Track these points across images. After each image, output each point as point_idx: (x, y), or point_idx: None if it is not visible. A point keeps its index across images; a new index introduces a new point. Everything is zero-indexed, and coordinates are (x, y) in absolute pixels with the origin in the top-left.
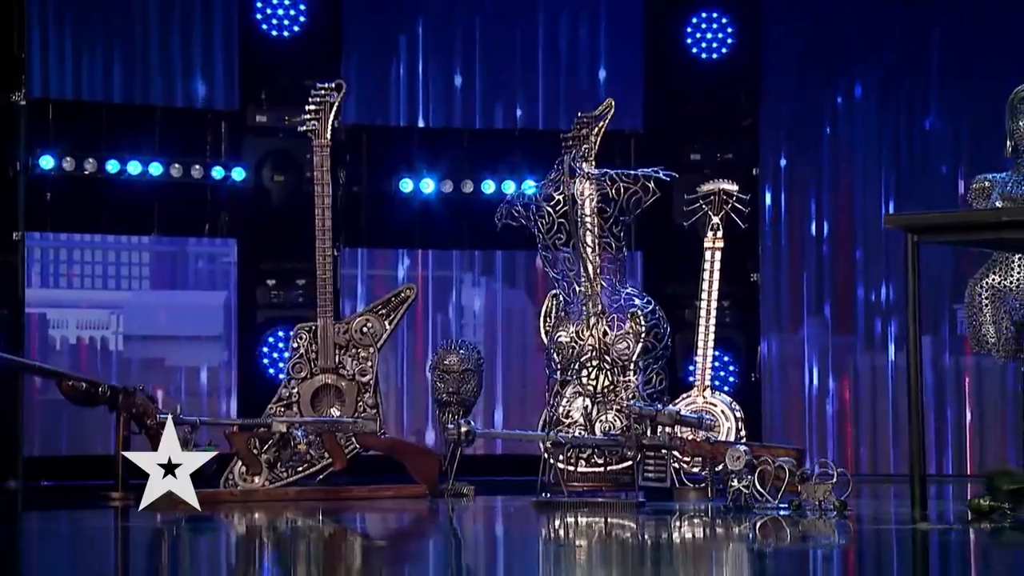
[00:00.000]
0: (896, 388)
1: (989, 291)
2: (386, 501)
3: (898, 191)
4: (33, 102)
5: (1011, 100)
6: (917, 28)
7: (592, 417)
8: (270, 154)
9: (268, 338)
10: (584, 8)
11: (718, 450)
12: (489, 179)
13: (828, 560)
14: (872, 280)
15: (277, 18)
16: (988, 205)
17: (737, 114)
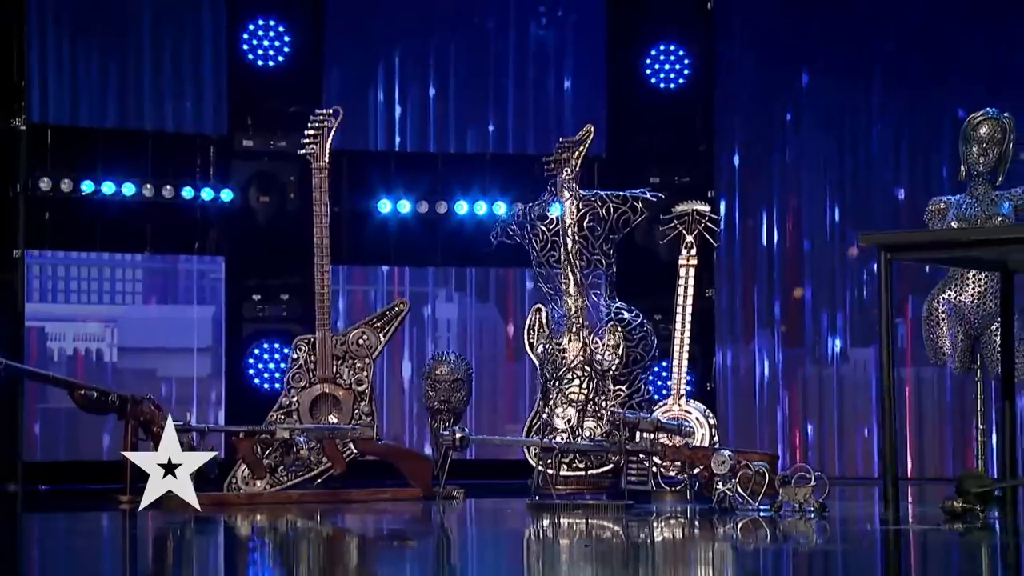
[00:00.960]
0: (841, 397)
1: (945, 306)
2: (383, 503)
3: (843, 211)
4: (32, 127)
5: (964, 128)
6: (860, 60)
7: (574, 424)
8: (256, 176)
9: (254, 350)
10: (551, 41)
11: (696, 455)
12: (462, 200)
13: (834, 557)
14: (820, 296)
15: (263, 48)
16: (944, 225)
17: (693, 140)
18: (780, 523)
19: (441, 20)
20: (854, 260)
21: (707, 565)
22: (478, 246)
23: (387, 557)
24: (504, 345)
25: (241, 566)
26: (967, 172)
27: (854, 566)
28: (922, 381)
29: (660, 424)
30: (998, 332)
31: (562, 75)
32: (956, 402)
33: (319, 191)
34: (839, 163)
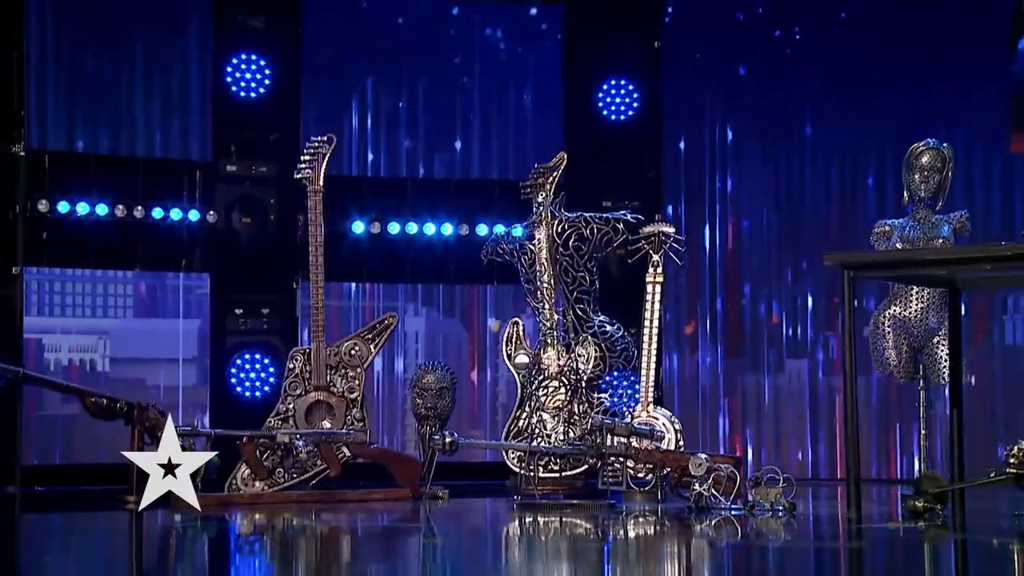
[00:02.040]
0: (778, 404)
1: (891, 320)
2: (375, 502)
3: (779, 232)
4: (31, 153)
5: (907, 157)
6: (791, 95)
7: (550, 429)
8: (238, 199)
9: (237, 360)
10: (512, 76)
11: (666, 457)
12: (430, 222)
13: (829, 553)
14: (757, 310)
15: (245, 81)
16: (889, 246)
17: (642, 167)
18: (753, 521)
19: (410, 56)
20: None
21: (702, 558)
22: (445, 264)
23: (407, 552)
24: (468, 356)
25: (254, 559)
26: (909, 197)
27: (849, 561)
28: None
29: (633, 429)
30: (938, 344)
31: (522, 107)
32: (881, 408)
33: (314, 212)
34: (775, 187)
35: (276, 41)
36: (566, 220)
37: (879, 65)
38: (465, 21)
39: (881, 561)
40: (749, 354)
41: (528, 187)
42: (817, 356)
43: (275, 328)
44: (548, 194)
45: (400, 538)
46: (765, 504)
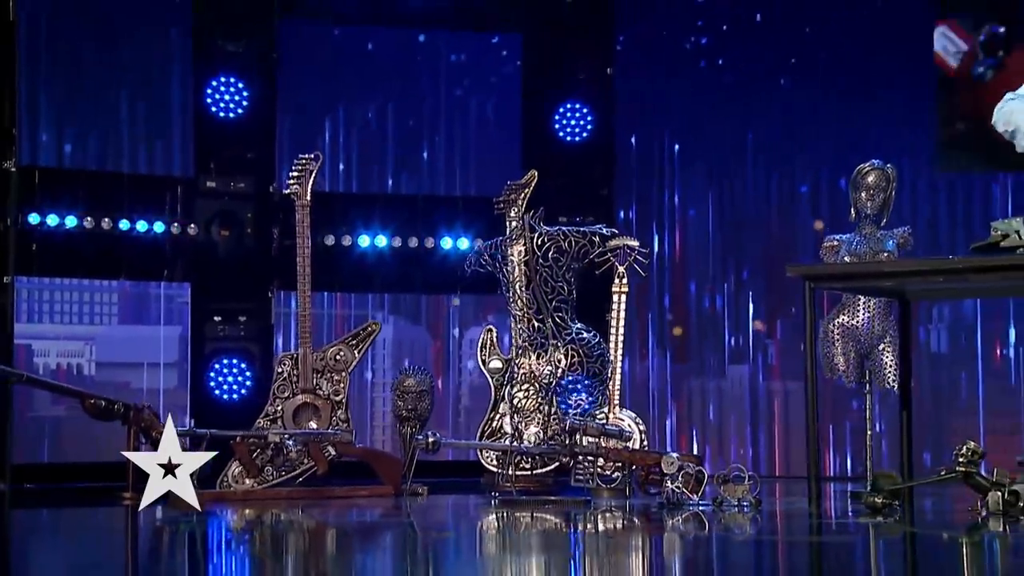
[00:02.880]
0: (721, 406)
1: (839, 328)
2: (360, 498)
3: (723, 244)
4: (22, 169)
5: (854, 177)
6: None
7: (521, 430)
8: (217, 213)
9: (215, 365)
10: (475, 100)
11: (634, 456)
12: (398, 235)
13: (807, 547)
14: (704, 319)
15: (224, 102)
16: (838, 259)
17: (595, 184)
18: (722, 515)
19: (379, 80)
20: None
21: (680, 549)
22: (411, 275)
23: (406, 544)
24: (432, 361)
25: (252, 550)
26: (856, 214)
27: (822, 554)
28: (789, 392)
29: (603, 430)
30: (884, 351)
31: (484, 128)
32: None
33: (302, 225)
34: (719, 203)
35: (253, 65)
36: (545, 233)
37: (812, 90)
38: (431, 47)
39: (853, 552)
40: (694, 360)
41: (501, 203)
42: (758, 362)
43: (251, 335)
44: (520, 209)
45: (387, 531)
46: (732, 500)
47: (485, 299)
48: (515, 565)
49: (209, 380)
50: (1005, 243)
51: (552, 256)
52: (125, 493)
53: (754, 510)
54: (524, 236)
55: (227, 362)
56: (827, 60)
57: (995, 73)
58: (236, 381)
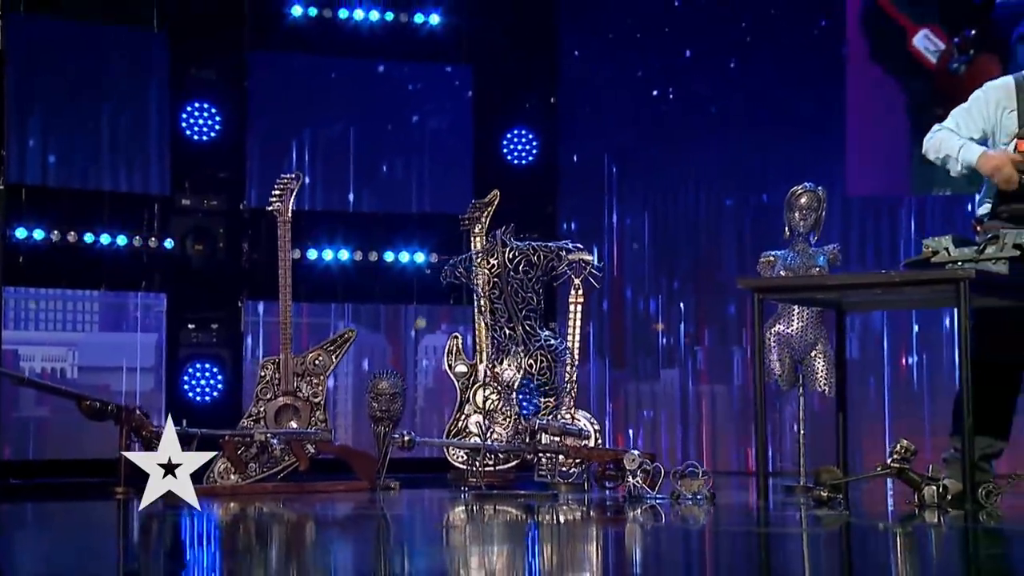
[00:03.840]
0: (655, 409)
1: (775, 336)
2: (338, 493)
3: (657, 259)
4: (10, 186)
5: (788, 198)
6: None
7: (484, 429)
8: (192, 229)
9: (188, 369)
10: (430, 125)
11: (592, 453)
12: (359, 250)
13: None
14: (638, 327)
15: (198, 126)
16: (774, 274)
17: (541, 204)
18: (679, 508)
19: (342, 106)
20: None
21: (646, 536)
22: (371, 286)
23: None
24: (391, 366)
25: (248, 539)
26: (790, 232)
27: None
28: (715, 394)
29: (565, 428)
30: (816, 357)
31: (438, 152)
32: (741, 409)
33: (283, 240)
34: (653, 222)
35: (225, 92)
36: (516, 248)
37: (739, 118)
38: (390, 77)
39: (809, 540)
40: (630, 364)
41: (467, 219)
42: (687, 367)
43: (223, 342)
44: (483, 225)
45: (364, 521)
46: (688, 494)
47: (438, 309)
48: (499, 547)
49: (183, 383)
50: (935, 259)
51: (523, 269)
52: (117, 488)
53: (708, 503)
54: (496, 250)
55: (200, 366)
56: (751, 92)
57: (967, 68)
58: (208, 384)
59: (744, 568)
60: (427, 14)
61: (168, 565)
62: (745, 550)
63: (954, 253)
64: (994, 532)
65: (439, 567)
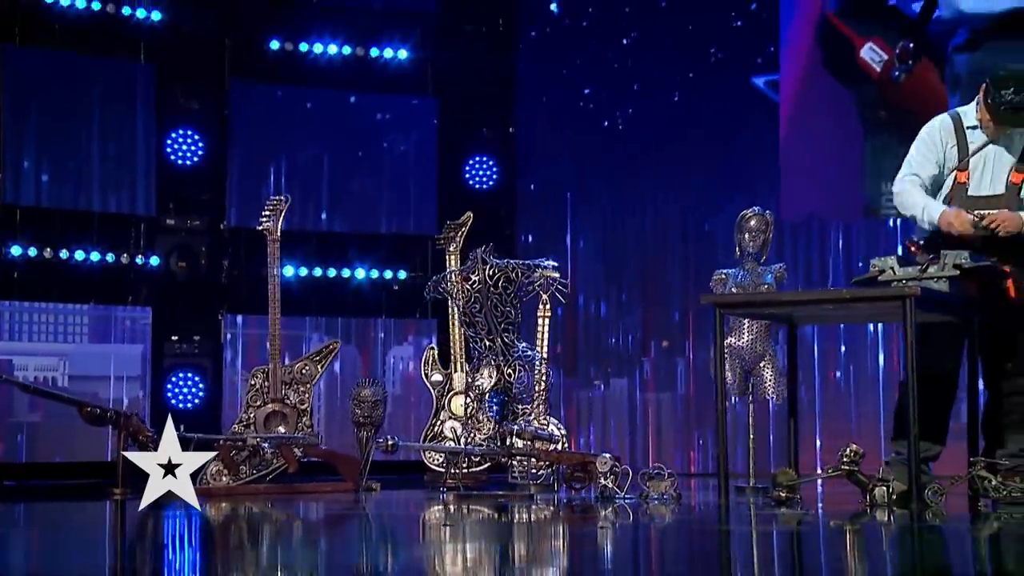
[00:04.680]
0: (604, 413)
1: (727, 348)
2: (325, 493)
3: (607, 276)
4: (5, 207)
5: (739, 221)
6: (621, 164)
7: (459, 434)
8: (175, 247)
9: (172, 378)
10: (397, 152)
11: (562, 456)
12: (332, 268)
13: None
14: (590, 338)
15: (182, 152)
16: (726, 290)
17: (500, 226)
18: (647, 507)
19: (317, 134)
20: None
21: (628, 534)
22: (343, 300)
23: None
24: (360, 374)
25: (246, 533)
26: (740, 252)
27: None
28: (660, 401)
29: (536, 434)
30: (764, 367)
31: (405, 177)
32: (684, 416)
33: (273, 258)
34: (604, 242)
35: (207, 120)
36: (495, 266)
37: (682, 146)
38: (361, 107)
39: (773, 536)
40: (582, 373)
41: (442, 239)
42: (635, 377)
43: (204, 353)
44: (458, 245)
45: (349, 519)
46: (655, 494)
47: (404, 322)
48: (489, 541)
49: (167, 391)
50: (882, 277)
51: (502, 285)
52: (115, 489)
53: (675, 502)
54: (477, 267)
55: (182, 376)
56: (693, 122)
57: (907, 76)
58: (191, 392)
59: (716, 561)
60: (395, 50)
61: (171, 556)
62: (715, 545)
63: (899, 272)
64: (938, 529)
65: (438, 559)
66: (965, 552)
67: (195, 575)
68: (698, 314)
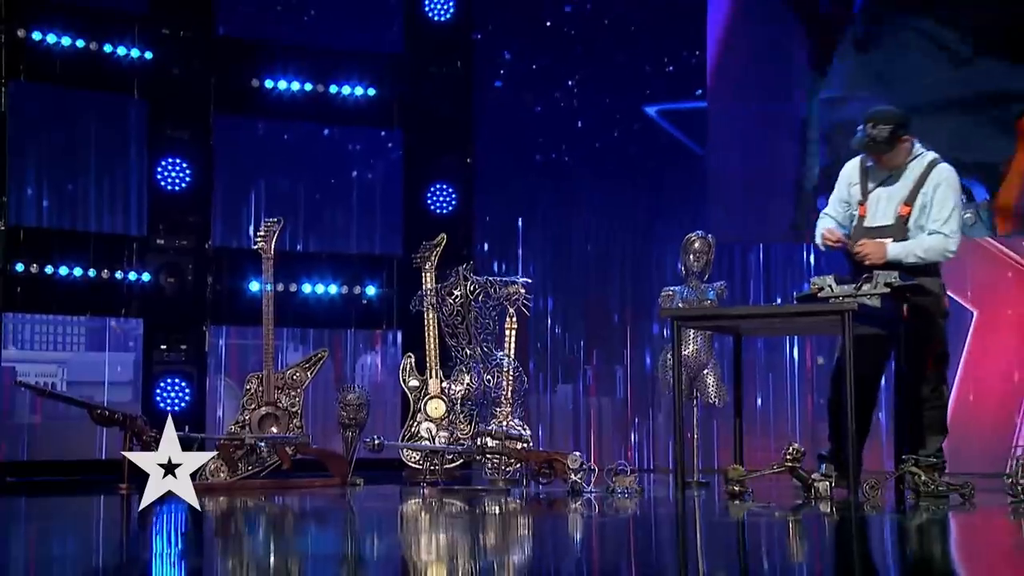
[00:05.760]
0: (552, 415)
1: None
2: (316, 488)
3: (554, 293)
4: (10, 228)
5: (684, 244)
6: (569, 196)
7: (434, 434)
8: (165, 265)
9: (160, 384)
10: (366, 179)
11: (529, 454)
12: (306, 283)
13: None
14: (540, 348)
15: (171, 178)
16: (673, 305)
17: (459, 247)
18: (614, 499)
19: (294, 163)
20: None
21: (599, 521)
22: (316, 313)
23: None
24: (332, 381)
25: (248, 522)
26: (685, 271)
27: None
28: (602, 406)
29: (507, 433)
30: (707, 374)
31: (372, 202)
32: (622, 418)
33: (268, 275)
34: (553, 263)
35: (194, 150)
36: (475, 282)
37: (622, 180)
38: (334, 139)
39: (730, 524)
40: (532, 379)
41: (418, 258)
42: (579, 384)
43: (190, 360)
44: (432, 263)
45: (338, 511)
46: (619, 488)
47: (372, 333)
48: (476, 528)
49: (156, 396)
50: (821, 294)
51: (481, 299)
52: (121, 485)
53: (637, 495)
54: (460, 283)
55: (171, 382)
56: (627, 155)
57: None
58: (178, 396)
59: (670, 547)
60: (365, 88)
61: (175, 543)
62: (675, 531)
63: (836, 289)
64: (876, 518)
65: (433, 545)
66: (900, 537)
67: (201, 558)
68: (634, 326)
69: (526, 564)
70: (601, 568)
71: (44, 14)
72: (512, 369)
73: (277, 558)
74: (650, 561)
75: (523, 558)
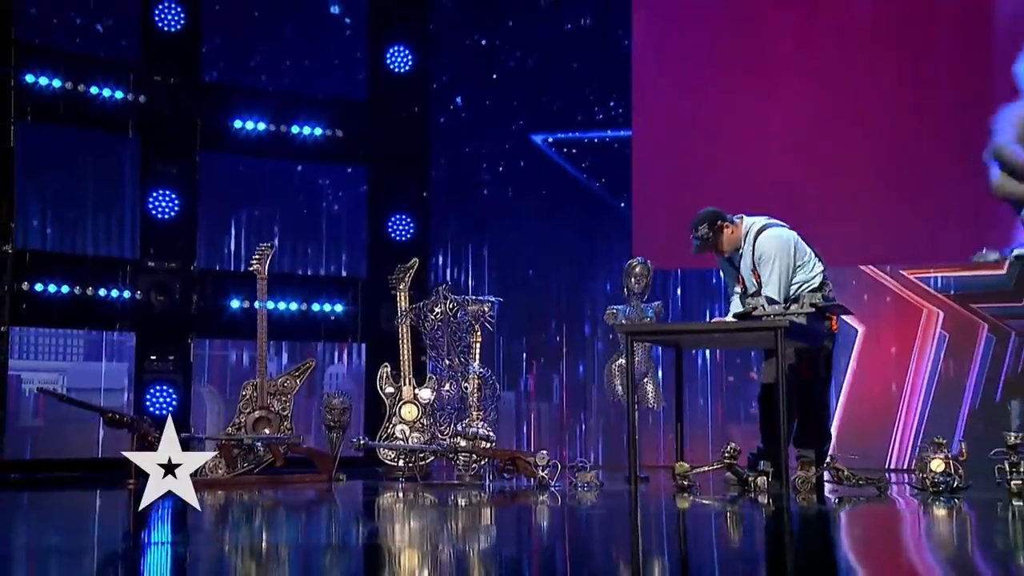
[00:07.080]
0: (519, 418)
1: (618, 367)
2: (305, 483)
3: (501, 312)
4: (16, 251)
5: (626, 268)
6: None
7: (408, 435)
8: (155, 284)
9: (150, 391)
10: (334, 211)
11: (495, 453)
12: (282, 301)
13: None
14: (507, 352)
15: (161, 207)
16: (617, 322)
17: (416, 270)
18: (577, 492)
19: (270, 195)
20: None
21: (547, 511)
22: (292, 328)
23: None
24: (305, 389)
25: (247, 512)
26: (627, 293)
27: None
28: (540, 410)
29: (476, 434)
30: (647, 382)
31: (340, 230)
32: (557, 421)
33: (261, 294)
34: (500, 284)
35: (182, 182)
36: (453, 300)
37: (567, 209)
38: (307, 174)
39: (686, 513)
40: (504, 380)
41: (394, 279)
42: (520, 388)
43: (176, 370)
44: (406, 284)
45: (326, 503)
46: (581, 483)
47: (342, 344)
48: (459, 516)
49: (146, 401)
50: (755, 312)
51: (459, 316)
52: (130, 480)
53: (597, 489)
54: (440, 301)
55: (159, 389)
56: (561, 188)
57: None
58: (166, 402)
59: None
60: (333, 130)
61: (180, 528)
62: (627, 519)
63: (768, 308)
64: (807, 509)
65: (426, 529)
66: (831, 521)
67: (208, 540)
68: (569, 339)
69: (522, 545)
70: (602, 546)
71: (49, 61)
72: (487, 378)
73: (271, 543)
74: (622, 541)
75: (519, 537)
